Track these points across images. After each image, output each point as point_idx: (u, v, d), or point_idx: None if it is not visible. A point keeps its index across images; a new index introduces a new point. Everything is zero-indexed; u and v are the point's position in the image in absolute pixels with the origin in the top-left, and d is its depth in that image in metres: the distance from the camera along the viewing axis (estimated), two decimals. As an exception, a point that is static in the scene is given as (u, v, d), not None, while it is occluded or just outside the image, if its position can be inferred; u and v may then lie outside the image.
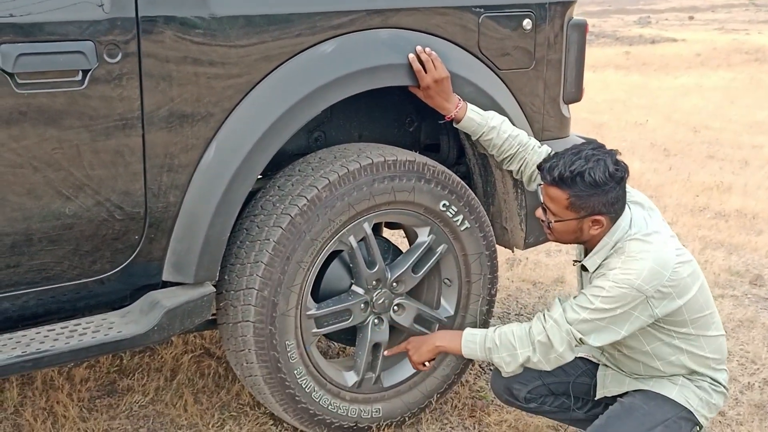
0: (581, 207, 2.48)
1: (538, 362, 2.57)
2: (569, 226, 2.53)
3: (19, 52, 2.12)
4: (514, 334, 2.59)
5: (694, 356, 2.60)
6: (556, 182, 2.48)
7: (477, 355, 2.68)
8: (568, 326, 2.50)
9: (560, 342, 2.51)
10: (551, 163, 2.50)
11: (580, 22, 3.14)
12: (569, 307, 2.53)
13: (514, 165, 2.86)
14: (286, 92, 2.51)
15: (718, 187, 6.76)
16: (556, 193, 2.50)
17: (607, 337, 2.50)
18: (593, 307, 2.47)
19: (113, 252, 2.42)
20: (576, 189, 2.46)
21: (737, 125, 9.70)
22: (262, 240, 2.60)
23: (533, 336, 2.55)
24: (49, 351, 2.28)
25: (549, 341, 2.52)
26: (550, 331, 2.52)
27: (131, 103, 2.30)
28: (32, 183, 2.22)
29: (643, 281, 2.42)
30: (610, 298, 2.44)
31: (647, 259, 2.44)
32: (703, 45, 16.07)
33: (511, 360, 2.59)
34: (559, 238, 2.61)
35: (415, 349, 2.82)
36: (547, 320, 2.54)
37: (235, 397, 3.17)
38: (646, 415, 2.55)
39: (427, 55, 2.68)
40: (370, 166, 2.69)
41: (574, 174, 2.44)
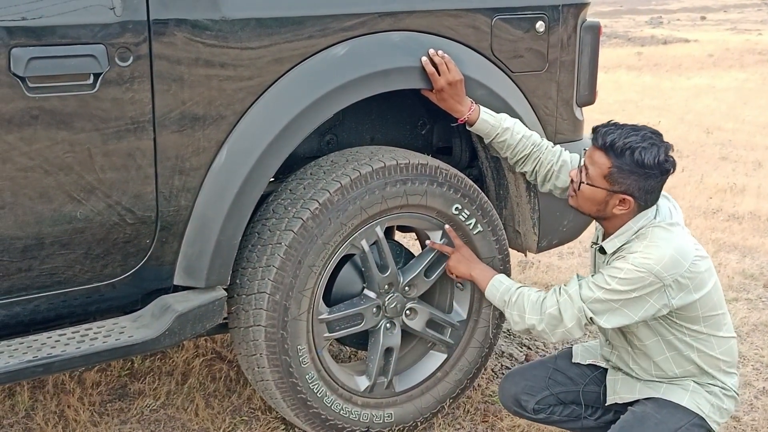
0: (617, 181, 2.47)
1: (542, 332, 2.59)
2: (597, 195, 2.51)
3: (30, 55, 2.11)
4: (530, 299, 2.62)
5: (705, 356, 2.57)
6: (606, 148, 2.47)
7: (495, 301, 2.76)
8: (581, 303, 2.50)
9: (570, 318, 2.52)
10: (608, 129, 2.50)
11: (593, 24, 3.12)
12: (585, 284, 2.52)
13: (528, 166, 2.83)
14: (298, 95, 2.50)
15: (731, 188, 6.72)
16: (601, 159, 2.49)
17: (618, 320, 2.49)
18: (609, 287, 2.46)
19: (124, 256, 2.41)
20: (621, 161, 2.45)
21: (750, 126, 9.65)
22: (274, 244, 2.58)
23: (545, 307, 2.57)
24: (60, 356, 2.27)
25: (559, 315, 2.53)
26: (563, 306, 2.53)
27: (143, 106, 2.29)
28: (43, 187, 2.21)
29: (662, 268, 2.41)
30: (627, 281, 2.43)
31: (669, 247, 2.43)
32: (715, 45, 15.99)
33: (519, 321, 2.64)
34: (580, 205, 2.58)
35: (456, 262, 2.86)
36: (562, 294, 2.55)
37: (246, 401, 3.16)
38: (659, 424, 2.53)
39: (440, 58, 2.66)
40: (383, 169, 2.67)
41: (626, 146, 2.43)
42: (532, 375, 2.87)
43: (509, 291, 2.69)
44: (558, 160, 2.81)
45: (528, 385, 2.83)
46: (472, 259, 2.87)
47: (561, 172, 2.79)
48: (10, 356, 2.25)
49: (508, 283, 2.73)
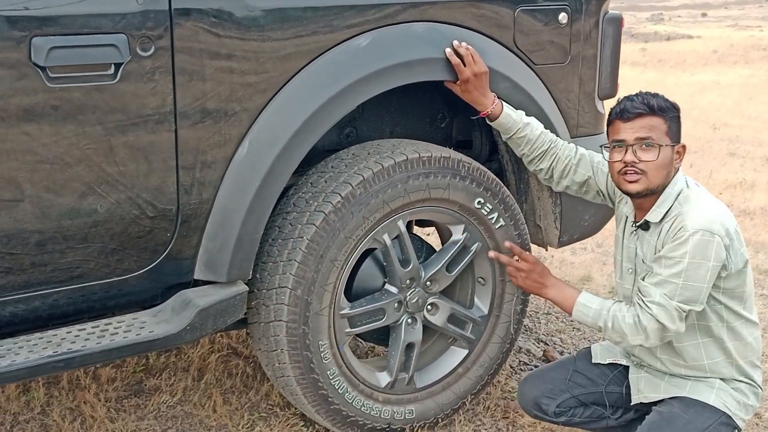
0: (675, 132, 2.52)
1: (652, 344, 2.53)
2: (668, 155, 2.49)
3: (51, 45, 2.07)
4: (626, 322, 2.50)
5: (737, 342, 2.54)
6: (654, 110, 2.48)
7: (586, 323, 2.63)
8: (673, 303, 2.42)
9: (671, 321, 2.43)
10: (636, 99, 2.52)
11: (615, 15, 3.08)
12: (662, 283, 2.44)
13: (545, 162, 2.79)
14: (321, 87, 2.46)
15: (741, 184, 6.69)
16: (654, 121, 2.48)
17: (703, 296, 2.44)
18: (682, 270, 2.40)
19: (144, 250, 2.37)
20: (670, 113, 2.50)
21: (757, 122, 9.62)
22: (296, 238, 2.54)
23: (644, 326, 2.46)
24: (80, 351, 2.24)
25: (662, 325, 2.44)
26: (660, 316, 2.43)
27: (164, 97, 2.25)
28: (64, 179, 2.18)
29: (720, 226, 2.41)
30: (694, 251, 2.39)
31: (720, 206, 2.48)
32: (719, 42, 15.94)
33: (621, 341, 2.57)
34: (654, 178, 2.49)
35: (527, 275, 2.76)
36: (651, 307, 2.45)
37: (264, 397, 3.12)
38: (687, 424, 2.49)
39: (465, 49, 2.63)
40: (405, 162, 2.63)
41: (664, 102, 2.50)
42: (551, 377, 2.83)
43: (601, 316, 2.56)
44: (576, 155, 2.77)
45: (548, 388, 2.79)
46: (542, 274, 2.76)
47: (579, 165, 2.76)
48: (30, 351, 2.21)
49: (596, 305, 2.58)
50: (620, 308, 2.54)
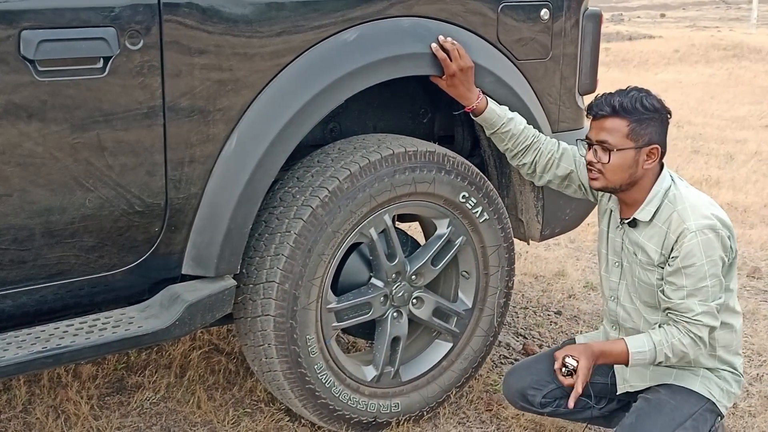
0: (640, 134, 2.48)
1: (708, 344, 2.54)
2: (626, 158, 2.49)
3: (40, 38, 2.05)
4: (684, 343, 2.47)
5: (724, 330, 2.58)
6: (617, 111, 2.48)
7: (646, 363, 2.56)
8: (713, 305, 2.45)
9: (715, 319, 2.47)
10: (606, 97, 2.52)
11: (595, 12, 3.12)
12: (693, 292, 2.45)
13: (528, 157, 2.81)
14: (309, 81, 2.46)
15: (706, 181, 6.79)
16: (615, 123, 2.49)
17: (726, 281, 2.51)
18: (704, 272, 2.43)
19: (132, 245, 2.36)
20: (637, 114, 2.47)
21: (719, 120, 9.77)
22: (283, 232, 2.54)
23: (701, 338, 2.47)
24: (69, 347, 2.22)
25: (711, 327, 2.47)
26: (709, 323, 2.46)
27: (152, 91, 2.23)
28: (52, 173, 2.15)
29: (718, 220, 2.45)
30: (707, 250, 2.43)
31: (708, 200, 2.51)
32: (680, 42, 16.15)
33: (684, 356, 2.51)
34: (610, 179, 2.52)
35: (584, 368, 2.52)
36: (700, 319, 2.46)
37: (248, 393, 3.12)
38: (675, 410, 2.54)
39: (451, 44, 2.64)
40: (391, 156, 2.65)
41: (634, 101, 2.47)
42: (537, 369, 2.86)
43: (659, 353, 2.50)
44: (559, 149, 2.80)
45: (534, 380, 2.82)
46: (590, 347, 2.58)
47: (562, 160, 2.78)
48: (18, 347, 2.19)
49: (648, 346, 2.50)
50: (670, 334, 2.50)
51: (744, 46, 15.29)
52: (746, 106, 10.63)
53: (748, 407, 3.24)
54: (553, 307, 4.15)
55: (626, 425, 2.56)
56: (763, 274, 4.72)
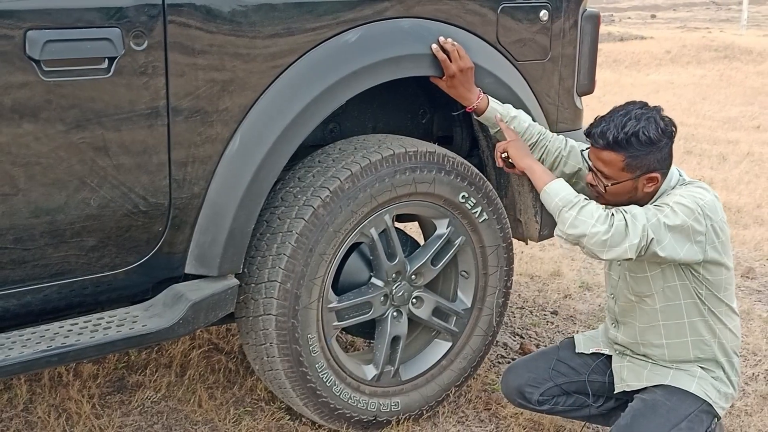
0: (637, 167, 2.46)
1: (601, 244, 2.43)
2: (625, 187, 2.51)
3: (46, 38, 2.07)
4: (599, 210, 2.46)
5: (720, 327, 2.60)
6: (611, 146, 2.45)
7: (554, 199, 2.55)
8: (645, 222, 2.41)
9: (635, 234, 2.40)
10: (602, 127, 2.47)
11: (593, 13, 3.15)
12: (646, 208, 2.46)
13: (535, 154, 2.82)
14: (311, 82, 2.48)
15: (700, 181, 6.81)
16: (611, 157, 2.47)
17: (668, 251, 2.42)
18: (665, 210, 2.42)
19: (136, 244, 2.38)
20: (632, 150, 2.44)
21: (711, 121, 9.80)
22: (285, 232, 2.56)
23: (614, 220, 2.43)
24: (74, 345, 2.23)
25: (626, 230, 2.41)
26: (630, 221, 2.41)
27: (156, 91, 2.25)
28: (57, 173, 2.17)
29: (704, 206, 2.42)
30: (680, 206, 2.41)
31: (707, 193, 2.47)
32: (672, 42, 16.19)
33: (580, 225, 2.45)
34: (612, 202, 2.54)
35: (517, 150, 2.69)
36: (627, 212, 2.45)
37: (249, 392, 3.13)
38: (671, 411, 2.55)
39: (451, 45, 2.67)
40: (392, 157, 2.66)
41: (629, 135, 2.42)
42: (534, 366, 2.88)
43: (571, 193, 2.53)
44: (566, 146, 2.80)
45: (532, 377, 2.84)
46: (526, 152, 2.71)
47: (569, 157, 2.79)
48: (23, 346, 2.20)
49: (566, 190, 2.55)
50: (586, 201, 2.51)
51: (735, 47, 15.35)
52: (738, 107, 10.66)
53: (744, 406, 3.27)
54: (549, 307, 4.18)
55: (621, 426, 2.58)
56: (757, 275, 4.75)
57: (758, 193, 6.44)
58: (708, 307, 2.59)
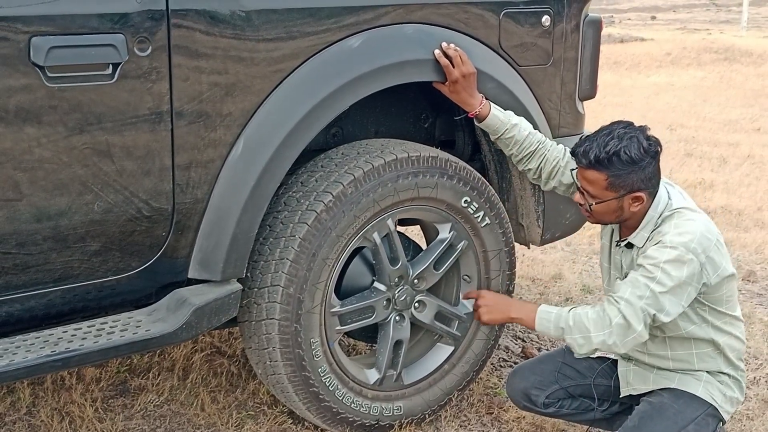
0: (620, 186, 2.49)
1: (613, 345, 2.50)
2: (610, 206, 2.54)
3: (50, 44, 2.07)
4: (589, 317, 2.52)
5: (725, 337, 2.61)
6: (593, 165, 2.49)
7: (550, 332, 2.64)
8: (641, 304, 2.44)
9: (638, 321, 2.45)
10: (585, 147, 2.51)
11: (595, 18, 3.15)
12: (633, 284, 2.48)
13: (533, 163, 2.83)
14: (315, 87, 2.49)
15: (700, 184, 6.83)
16: (594, 176, 2.51)
17: (675, 309, 2.46)
18: (655, 276, 2.43)
19: (140, 249, 2.38)
20: (614, 169, 2.47)
21: (712, 123, 9.81)
22: (287, 236, 2.57)
23: (610, 319, 2.48)
24: (78, 350, 2.24)
25: (627, 322, 2.45)
26: (626, 311, 2.45)
27: (160, 97, 2.26)
28: (61, 179, 2.18)
29: (696, 244, 2.43)
30: (669, 263, 2.42)
31: (697, 223, 2.47)
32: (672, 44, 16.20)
33: (585, 342, 2.53)
34: (599, 220, 2.62)
35: (488, 309, 2.82)
36: (619, 302, 2.48)
37: (251, 395, 3.14)
38: (678, 414, 2.56)
39: (454, 51, 2.67)
40: (395, 161, 2.67)
41: (611, 154, 2.45)
42: (540, 369, 2.89)
43: (562, 317, 2.60)
44: (564, 156, 2.81)
45: (537, 380, 2.85)
46: (501, 301, 2.86)
47: (567, 167, 2.79)
48: (27, 351, 2.21)
49: (556, 311, 2.63)
50: (582, 308, 2.59)
51: (735, 49, 15.35)
52: (738, 109, 10.67)
53: (746, 410, 3.27)
54: (551, 310, 4.18)
55: (628, 428, 2.59)
56: (758, 278, 4.76)
57: (759, 195, 6.45)
58: (710, 323, 2.60)
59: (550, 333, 2.64)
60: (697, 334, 2.60)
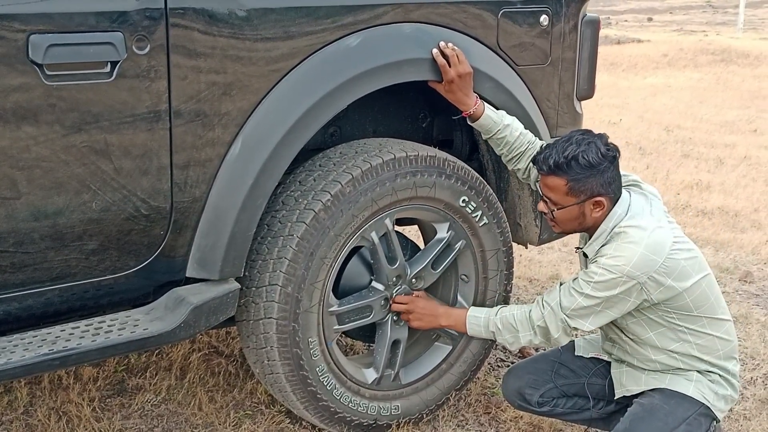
0: (580, 191, 2.54)
1: (539, 343, 2.68)
2: (572, 212, 2.58)
3: (49, 42, 2.07)
4: (516, 318, 2.68)
5: (701, 339, 2.60)
6: (553, 170, 2.54)
7: (482, 335, 2.79)
8: (562, 315, 2.58)
9: (556, 329, 2.61)
10: (545, 154, 2.56)
11: (593, 18, 3.16)
12: (565, 292, 2.60)
13: (523, 162, 2.85)
14: (313, 86, 2.48)
15: (697, 185, 6.83)
16: (555, 181, 2.55)
17: (601, 321, 2.59)
18: (585, 293, 2.53)
19: (138, 248, 2.38)
20: (572, 173, 2.52)
21: (708, 125, 9.81)
22: (286, 236, 2.56)
23: (533, 321, 2.64)
24: (76, 349, 2.23)
25: (546, 327, 2.61)
26: (548, 318, 2.61)
27: (159, 95, 2.25)
28: (59, 177, 2.17)
29: (633, 267, 2.46)
30: (601, 284, 2.50)
31: (639, 246, 2.47)
32: (669, 46, 16.19)
33: (514, 341, 2.71)
34: (564, 228, 2.66)
35: (418, 316, 2.85)
36: (545, 307, 2.62)
37: (249, 395, 3.14)
38: (669, 415, 2.56)
39: (451, 50, 2.67)
40: (393, 161, 2.67)
41: (569, 159, 2.51)
42: (535, 368, 2.90)
43: (490, 321, 2.74)
44: None
45: (532, 379, 2.85)
46: (432, 310, 2.87)
47: None
48: (25, 349, 2.20)
49: (484, 315, 2.77)
50: (509, 309, 2.72)
51: (732, 50, 15.35)
52: (735, 111, 10.67)
53: (743, 410, 3.27)
54: (548, 310, 4.18)
55: (620, 430, 2.59)
56: (755, 278, 4.76)
57: (755, 197, 6.45)
58: (685, 327, 2.60)
59: (482, 336, 2.79)
60: (669, 342, 2.61)
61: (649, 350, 2.66)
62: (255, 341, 2.65)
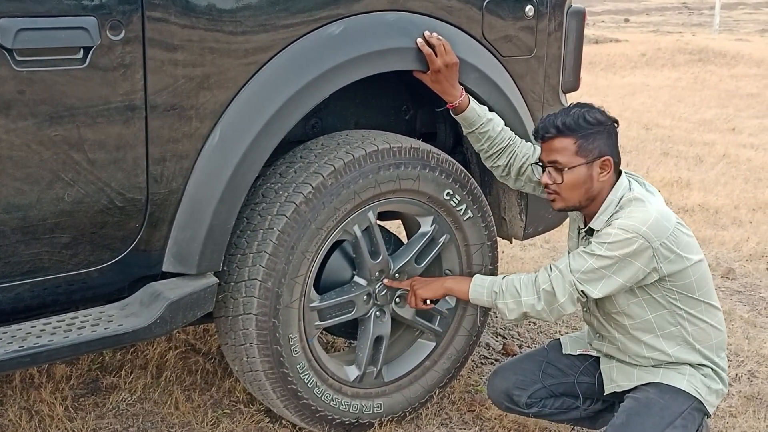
0: (589, 149, 2.51)
1: (542, 311, 2.56)
2: (581, 175, 2.52)
3: (19, 26, 1.99)
4: (521, 281, 2.59)
5: (697, 329, 2.57)
6: (561, 131, 2.51)
7: (483, 299, 2.68)
8: (571, 276, 2.50)
9: (563, 292, 2.52)
10: (548, 120, 2.55)
11: (578, 9, 3.11)
12: (576, 255, 2.53)
13: (503, 159, 2.81)
14: (294, 75, 2.42)
15: (677, 182, 6.82)
16: (563, 143, 2.52)
17: (609, 288, 2.49)
18: (599, 253, 2.47)
19: (112, 241, 2.30)
20: (581, 131, 2.50)
21: (687, 123, 9.83)
22: (265, 229, 2.49)
23: (539, 285, 2.55)
24: (47, 345, 2.15)
25: (553, 290, 2.53)
26: (555, 281, 2.53)
27: (134, 83, 2.18)
28: (30, 167, 2.09)
29: (648, 228, 2.42)
30: (616, 244, 2.44)
31: (652, 210, 2.46)
32: (647, 45, 16.23)
33: (515, 307, 2.59)
34: (567, 199, 2.57)
35: (423, 284, 2.77)
36: (553, 270, 2.55)
37: (227, 393, 3.06)
38: (664, 409, 2.53)
39: (437, 40, 2.62)
40: (376, 153, 2.61)
41: (577, 118, 2.51)
42: (522, 369, 2.84)
43: (495, 283, 2.65)
44: (534, 154, 2.79)
45: (519, 380, 2.80)
46: (435, 278, 2.84)
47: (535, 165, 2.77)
48: (-6, 346, 2.12)
49: (489, 278, 2.70)
50: (517, 275, 2.63)
51: (709, 50, 15.42)
52: (713, 110, 10.71)
53: (728, 407, 3.24)
54: (531, 307, 4.13)
55: (617, 425, 2.54)
56: (737, 275, 4.74)
57: (735, 194, 6.45)
58: (685, 311, 2.56)
59: (483, 300, 2.68)
60: (668, 325, 2.57)
61: (641, 342, 2.61)
62: (234, 338, 2.58)
